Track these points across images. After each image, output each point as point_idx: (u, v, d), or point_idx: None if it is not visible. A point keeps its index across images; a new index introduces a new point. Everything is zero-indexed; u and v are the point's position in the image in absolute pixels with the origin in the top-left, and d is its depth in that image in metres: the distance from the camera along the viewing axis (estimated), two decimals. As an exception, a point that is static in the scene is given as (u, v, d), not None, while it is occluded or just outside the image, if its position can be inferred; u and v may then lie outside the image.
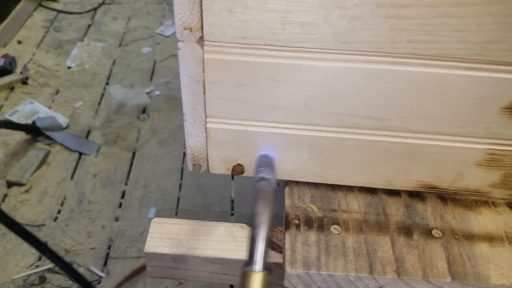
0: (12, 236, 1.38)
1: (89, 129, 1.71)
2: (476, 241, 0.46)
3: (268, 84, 0.44)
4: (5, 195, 1.49)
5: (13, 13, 2.33)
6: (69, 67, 2.00)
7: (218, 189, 1.58)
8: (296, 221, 0.48)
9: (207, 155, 0.50)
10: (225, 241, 0.49)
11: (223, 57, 0.42)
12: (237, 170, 0.52)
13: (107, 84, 1.93)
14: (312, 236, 0.47)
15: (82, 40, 2.17)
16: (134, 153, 1.66)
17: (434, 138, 0.45)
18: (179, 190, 1.55)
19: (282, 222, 0.50)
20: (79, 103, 1.81)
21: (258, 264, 0.37)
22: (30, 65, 1.99)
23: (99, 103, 1.83)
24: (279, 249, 0.49)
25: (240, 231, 0.51)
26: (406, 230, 0.47)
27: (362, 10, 0.37)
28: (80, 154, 1.61)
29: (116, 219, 1.43)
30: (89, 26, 2.28)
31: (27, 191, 1.50)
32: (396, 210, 0.49)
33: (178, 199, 1.52)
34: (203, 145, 0.50)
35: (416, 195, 0.51)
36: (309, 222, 0.48)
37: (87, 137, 1.68)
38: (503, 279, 0.44)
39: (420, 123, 0.44)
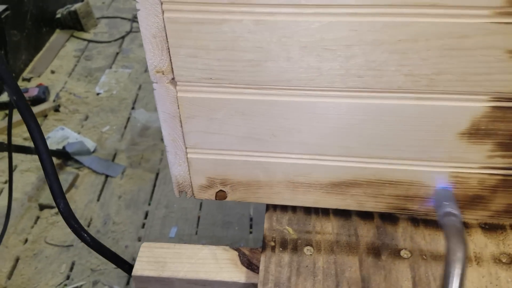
0: (43, 256, 1.46)
1: (115, 152, 1.80)
2: (443, 262, 0.48)
3: (237, 118, 0.48)
4: (38, 218, 1.58)
5: (47, 44, 2.48)
6: (98, 94, 2.11)
7: (237, 207, 1.62)
8: (272, 243, 0.51)
9: (191, 182, 0.55)
10: (208, 263, 0.53)
11: (194, 95, 0.46)
12: (220, 195, 0.56)
13: (132, 108, 2.02)
14: (286, 257, 0.50)
15: (110, 67, 2.28)
16: (157, 174, 1.72)
17: (397, 163, 0.48)
18: (200, 209, 1.60)
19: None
20: (106, 128, 1.91)
21: None
22: (62, 93, 2.12)
23: (125, 127, 1.92)
24: (257, 270, 0.52)
25: (223, 254, 0.54)
26: (375, 251, 0.49)
27: (309, 52, 0.41)
28: (106, 176, 1.69)
29: (139, 239, 1.49)
30: (117, 53, 2.40)
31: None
32: (367, 231, 0.51)
33: (199, 218, 1.57)
34: (186, 173, 0.54)
35: (389, 217, 0.53)
36: (284, 244, 0.51)
37: (113, 160, 1.76)
38: (468, 298, 0.45)
39: (381, 150, 0.47)
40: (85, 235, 0.52)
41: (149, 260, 0.53)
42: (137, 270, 0.52)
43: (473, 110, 0.43)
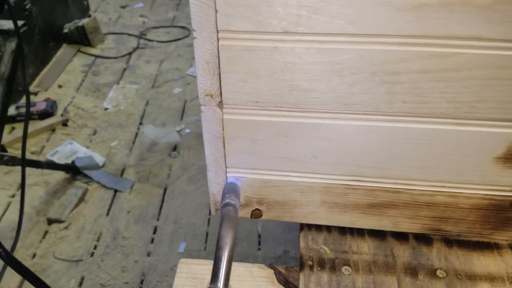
0: (51, 271, 1.46)
1: (123, 167, 1.80)
2: (478, 281, 0.49)
3: (279, 139, 0.49)
4: (46, 232, 1.58)
5: (54, 59, 2.50)
6: (105, 109, 2.12)
7: (245, 224, 1.62)
8: (310, 262, 0.53)
9: (229, 201, 0.56)
10: (245, 280, 0.54)
11: (239, 117, 0.48)
12: (256, 214, 0.57)
13: (140, 124, 2.04)
14: (325, 276, 0.51)
15: (118, 83, 2.30)
16: (165, 189, 1.73)
17: (434, 185, 0.50)
18: (208, 225, 1.60)
19: (298, 262, 0.55)
20: (115, 143, 1.92)
21: (222, 282, 0.40)
22: (70, 108, 2.13)
23: (133, 142, 1.93)
24: (295, 288, 0.53)
25: (259, 271, 0.55)
26: (412, 271, 0.51)
27: (359, 77, 0.43)
28: (115, 191, 1.70)
29: (148, 254, 1.49)
30: (125, 69, 2.42)
31: (66, 227, 1.58)
32: (403, 251, 0.53)
33: (207, 234, 1.57)
34: (225, 192, 0.55)
35: (423, 237, 0.54)
36: (322, 263, 0.52)
37: (121, 174, 1.77)
38: (504, 318, 0.46)
39: (420, 172, 0.49)
40: (1, 249, 0.53)
41: (188, 276, 0.54)
42: (177, 286, 0.53)
43: (509, 136, 0.45)
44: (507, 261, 0.51)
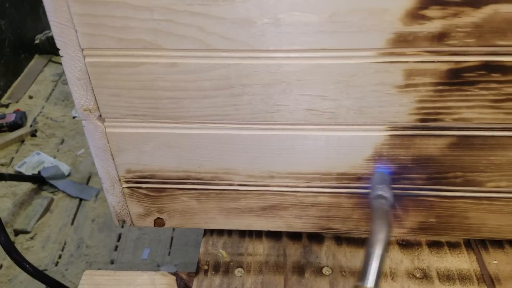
0: (17, 281, 1.47)
1: (89, 175, 1.82)
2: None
3: (165, 150, 0.51)
4: (13, 243, 1.59)
5: (26, 70, 2.51)
6: (74, 117, 2.13)
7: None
8: (206, 267, 0.54)
9: (129, 211, 0.58)
10: (146, 288, 0.56)
11: (122, 130, 0.50)
12: (159, 223, 0.59)
13: (108, 131, 2.05)
14: (217, 280, 0.53)
15: (87, 91, 2.31)
16: (132, 196, 1.74)
17: (315, 186, 0.51)
18: (173, 230, 1.62)
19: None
20: (81, 151, 1.93)
21: (370, 281, 0.37)
22: (39, 118, 2.14)
23: (101, 150, 1.94)
24: (192, 292, 0.55)
25: (162, 279, 0.57)
26: (300, 269, 0.53)
27: (221, 89, 0.45)
28: (80, 200, 1.71)
29: (112, 262, 1.50)
30: (94, 77, 2.43)
31: (32, 238, 1.60)
32: (295, 251, 0.55)
33: (172, 239, 1.59)
34: (123, 203, 0.57)
35: (316, 237, 0.56)
36: (217, 267, 0.54)
37: (87, 183, 1.78)
38: (381, 312, 0.48)
39: (297, 176, 0.50)
40: (27, 265, 0.55)
41: (90, 287, 0.55)
42: (77, 298, 0.54)
43: (373, 138, 0.47)
44: (392, 256, 0.53)
